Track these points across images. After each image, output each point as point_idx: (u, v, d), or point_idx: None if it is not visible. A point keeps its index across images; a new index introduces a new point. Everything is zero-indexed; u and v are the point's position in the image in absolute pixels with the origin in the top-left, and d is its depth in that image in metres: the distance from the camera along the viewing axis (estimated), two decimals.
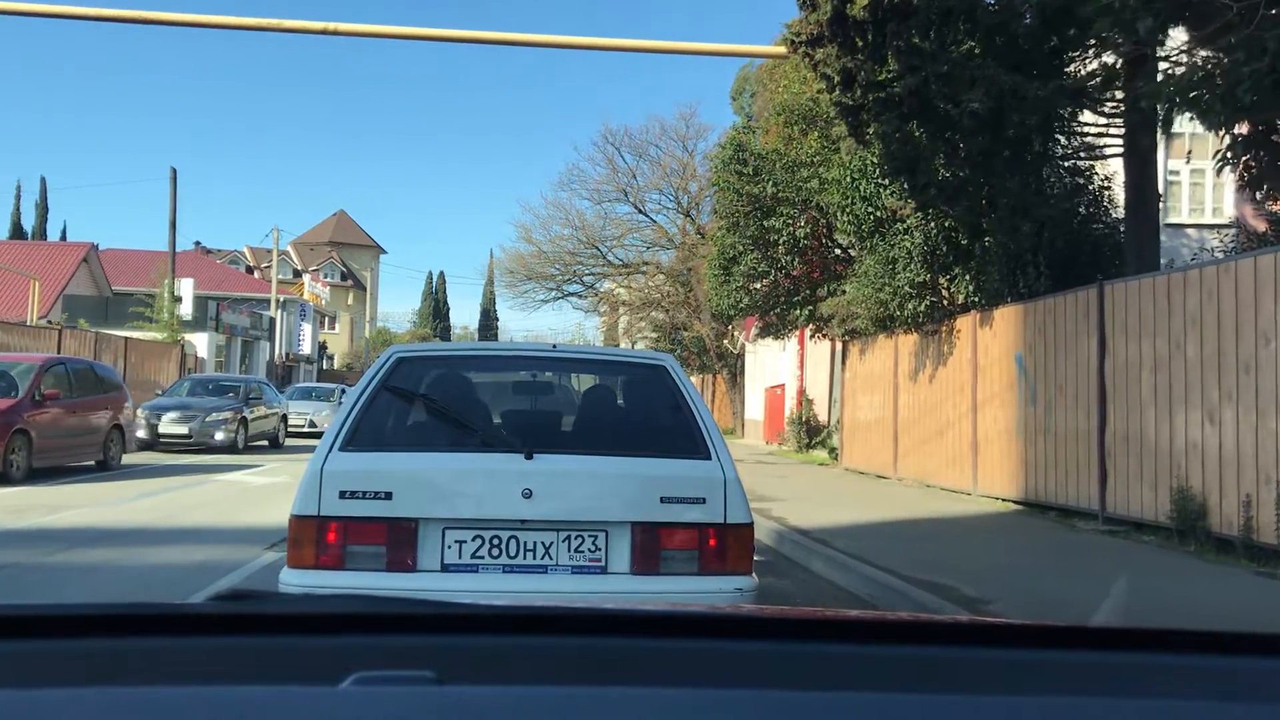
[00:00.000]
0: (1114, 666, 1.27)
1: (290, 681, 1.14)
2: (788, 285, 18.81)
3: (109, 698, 1.09)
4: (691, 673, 1.22)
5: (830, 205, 16.82)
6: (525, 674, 1.20)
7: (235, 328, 43.08)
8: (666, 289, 40.56)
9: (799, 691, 1.13)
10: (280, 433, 23.55)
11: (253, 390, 22.53)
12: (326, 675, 1.11)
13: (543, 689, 1.12)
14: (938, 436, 14.76)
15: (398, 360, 4.45)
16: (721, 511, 4.04)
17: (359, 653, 1.23)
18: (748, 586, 4.05)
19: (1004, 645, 1.34)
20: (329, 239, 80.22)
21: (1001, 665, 1.28)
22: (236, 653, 1.25)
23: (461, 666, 1.18)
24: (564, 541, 3.93)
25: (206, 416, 20.36)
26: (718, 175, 18.02)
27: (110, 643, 1.25)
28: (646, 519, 3.97)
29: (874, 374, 17.54)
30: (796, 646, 1.31)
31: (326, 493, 3.89)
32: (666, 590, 3.90)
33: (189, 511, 11.42)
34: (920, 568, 7.85)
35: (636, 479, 4.06)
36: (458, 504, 3.95)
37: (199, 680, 1.14)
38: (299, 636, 1.30)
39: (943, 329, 14.56)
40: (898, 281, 13.84)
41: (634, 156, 39.37)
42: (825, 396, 24.80)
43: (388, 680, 1.10)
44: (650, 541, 3.97)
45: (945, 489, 14.38)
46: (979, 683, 1.21)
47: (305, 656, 1.24)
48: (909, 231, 13.80)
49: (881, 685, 1.17)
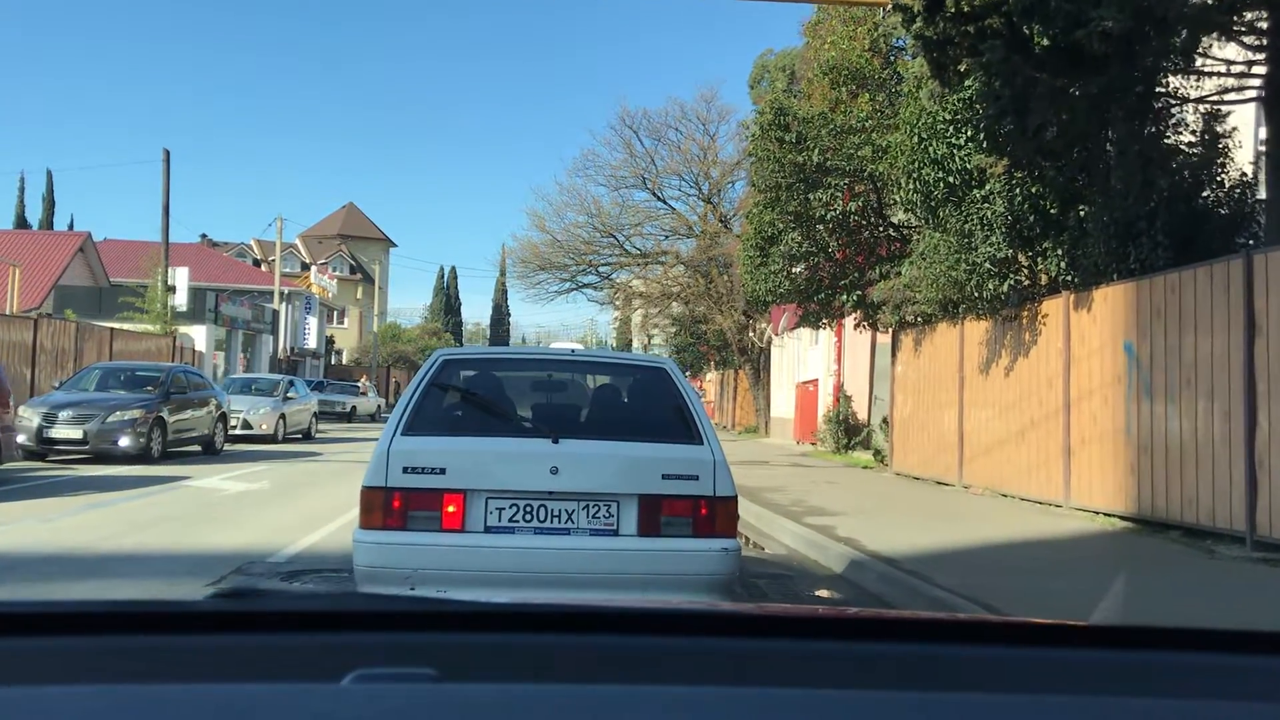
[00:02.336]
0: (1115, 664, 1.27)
1: (291, 679, 1.15)
2: (831, 268, 16.80)
3: (110, 695, 1.09)
4: (692, 670, 1.22)
5: (885, 175, 14.82)
6: (525, 672, 1.20)
7: (236, 320, 41.21)
8: (685, 280, 38.54)
9: (800, 689, 1.14)
10: (218, 436, 18.70)
11: (178, 382, 17.77)
12: (327, 673, 1.12)
13: (543, 687, 1.13)
14: (1016, 439, 12.73)
15: (444, 362, 5.24)
16: (711, 486, 4.72)
17: (359, 650, 1.23)
18: (732, 546, 4.74)
19: (1005, 644, 1.34)
20: (338, 232, 78.40)
21: (1003, 663, 1.27)
22: (237, 650, 1.26)
23: (462, 664, 1.19)
24: (583, 509, 4.67)
25: (108, 416, 15.68)
26: (755, 144, 16.03)
27: (110, 640, 1.26)
28: (650, 492, 4.69)
29: (933, 367, 15.52)
30: (798, 644, 1.32)
31: (393, 468, 4.64)
32: (666, 548, 4.66)
33: (135, 532, 9.49)
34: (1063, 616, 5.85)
35: (642, 460, 4.78)
36: (498, 478, 4.70)
37: (199, 678, 1.16)
38: (299, 634, 1.30)
39: (1024, 314, 12.53)
40: (976, 257, 11.79)
41: (652, 140, 37.36)
42: (865, 393, 22.78)
43: (388, 678, 1.11)
44: (653, 509, 4.68)
45: (1026, 499, 12.36)
46: (980, 681, 1.21)
47: (306, 654, 1.25)
48: (989, 198, 11.77)
49: (883, 683, 1.18)
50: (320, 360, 56.03)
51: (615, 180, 37.72)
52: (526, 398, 5.74)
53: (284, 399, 23.17)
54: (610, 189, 38.21)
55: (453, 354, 5.53)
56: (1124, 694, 1.17)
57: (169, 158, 31.44)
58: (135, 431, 15.84)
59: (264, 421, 21.89)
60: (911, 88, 12.65)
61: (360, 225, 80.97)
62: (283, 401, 23.01)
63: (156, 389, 17.02)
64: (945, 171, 12.29)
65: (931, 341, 15.59)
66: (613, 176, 37.72)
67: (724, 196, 37.79)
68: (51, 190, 68.69)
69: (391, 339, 72.63)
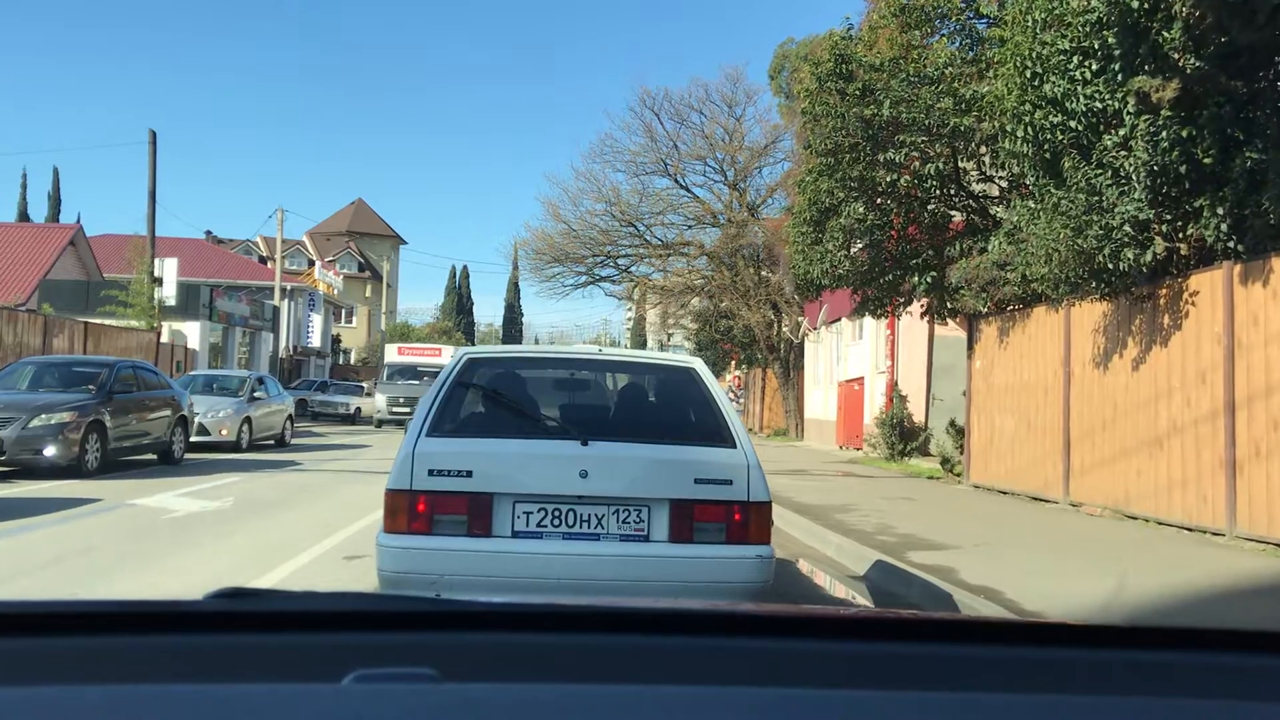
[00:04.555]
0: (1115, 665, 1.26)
1: (291, 679, 1.13)
2: (900, 245, 14.33)
3: (110, 695, 1.07)
4: (692, 670, 1.21)
5: (972, 131, 12.34)
6: (525, 672, 1.19)
7: (233, 316, 38.90)
8: (709, 272, 36.09)
9: (801, 689, 1.13)
10: (176, 443, 15.73)
11: (125, 379, 14.78)
12: (327, 673, 1.10)
13: (543, 686, 1.12)
14: (1149, 448, 10.25)
15: (469, 361, 5.17)
16: (745, 491, 4.59)
17: (360, 650, 1.21)
18: (767, 554, 4.59)
19: (1005, 644, 1.31)
20: (346, 229, 76.19)
21: (1003, 663, 1.26)
22: (237, 650, 1.23)
23: (462, 664, 1.18)
24: (613, 514, 4.56)
25: (30, 420, 12.77)
26: (811, 99, 13.57)
27: (111, 640, 1.25)
28: (682, 496, 4.57)
29: (1027, 361, 13.04)
30: (799, 644, 1.30)
31: (418, 471, 4.53)
32: (699, 555, 4.53)
33: (24, 575, 7.12)
34: None
35: (674, 463, 4.66)
36: (526, 481, 4.59)
37: (200, 678, 1.14)
38: (299, 634, 1.28)
39: (1161, 292, 10.05)
40: (1111, 220, 9.31)
41: (674, 123, 34.96)
42: (920, 392, 20.30)
43: (388, 678, 1.10)
44: (685, 515, 4.56)
45: (1166, 524, 9.87)
46: (981, 681, 1.19)
47: (306, 654, 1.22)
48: (1128, 143, 9.29)
49: (884, 683, 1.16)
50: (326, 360, 53.71)
51: (635, 166, 35.38)
52: (553, 398, 5.57)
53: (250, 399, 19.90)
54: (630, 175, 35.87)
55: (478, 353, 5.50)
56: (1124, 694, 1.15)
57: (155, 139, 29.08)
58: (65, 438, 12.89)
59: (224, 426, 18.65)
60: (1020, 8, 10.16)
61: (369, 222, 78.73)
62: (248, 403, 19.76)
63: (96, 387, 14.03)
64: (1065, 114, 9.82)
65: (1024, 331, 13.11)
66: (632, 162, 35.37)
67: (751, 183, 35.36)
68: (58, 187, 67.16)
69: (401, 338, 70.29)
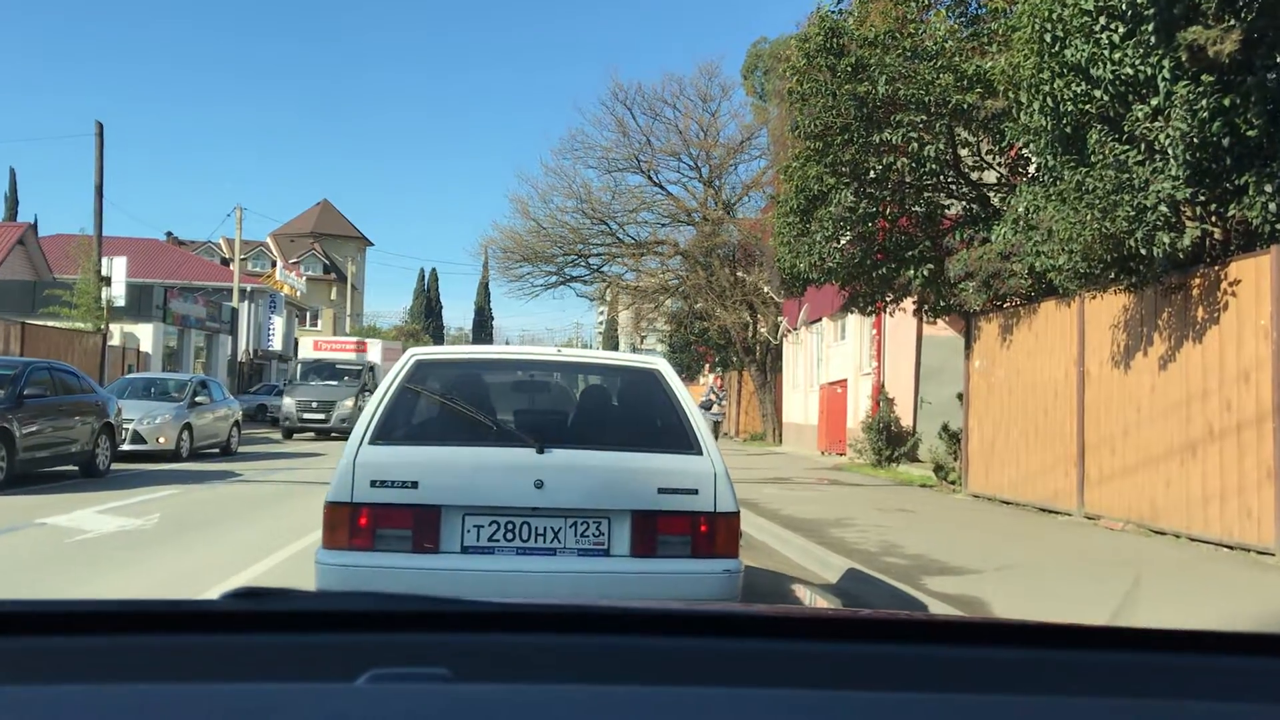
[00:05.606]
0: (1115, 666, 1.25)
1: (306, 679, 1.14)
2: (888, 237, 13.25)
3: (126, 694, 1.07)
4: (703, 671, 1.20)
5: (976, 106, 11.30)
6: (539, 672, 1.19)
7: (188, 318, 37.41)
8: (684, 272, 34.99)
9: (802, 690, 1.13)
10: (100, 453, 14.13)
11: (39, 382, 13.24)
12: (342, 672, 1.10)
13: (556, 687, 1.12)
14: (1183, 455, 9.21)
15: (417, 362, 4.85)
16: (712, 501, 4.33)
17: (374, 650, 1.21)
18: (735, 568, 4.34)
19: (1004, 645, 1.31)
20: (311, 230, 74.50)
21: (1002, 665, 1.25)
22: (253, 650, 1.24)
23: (476, 664, 1.18)
24: (571, 527, 4.26)
25: None
26: (800, 78, 12.49)
27: (126, 640, 1.24)
28: (645, 507, 4.29)
29: (1034, 360, 12.00)
30: (801, 645, 1.30)
31: (359, 481, 4.24)
32: (662, 570, 4.25)
33: None
34: None
35: (637, 472, 4.39)
36: (477, 492, 4.29)
37: (214, 678, 1.13)
38: (315, 634, 1.28)
39: (1194, 282, 9.02)
40: (1145, 199, 8.24)
41: (648, 118, 33.81)
42: (909, 395, 19.26)
43: (403, 678, 1.10)
44: (648, 527, 4.29)
45: (1201, 540, 8.83)
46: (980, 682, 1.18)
47: (321, 654, 1.23)
48: (1160, 115, 8.25)
49: (881, 684, 1.16)
50: (288, 364, 52.14)
51: (607, 162, 34.20)
52: (508, 402, 5.31)
53: (191, 404, 18.30)
54: (601, 172, 34.76)
55: (427, 354, 5.19)
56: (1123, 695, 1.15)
57: (102, 131, 27.64)
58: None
59: (161, 433, 17.01)
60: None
61: (335, 223, 77.07)
62: (189, 408, 18.13)
63: (3, 392, 12.49)
64: (1090, 82, 8.76)
65: (1030, 327, 12.07)
66: (604, 158, 34.20)
67: (726, 180, 34.30)
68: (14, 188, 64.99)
69: None
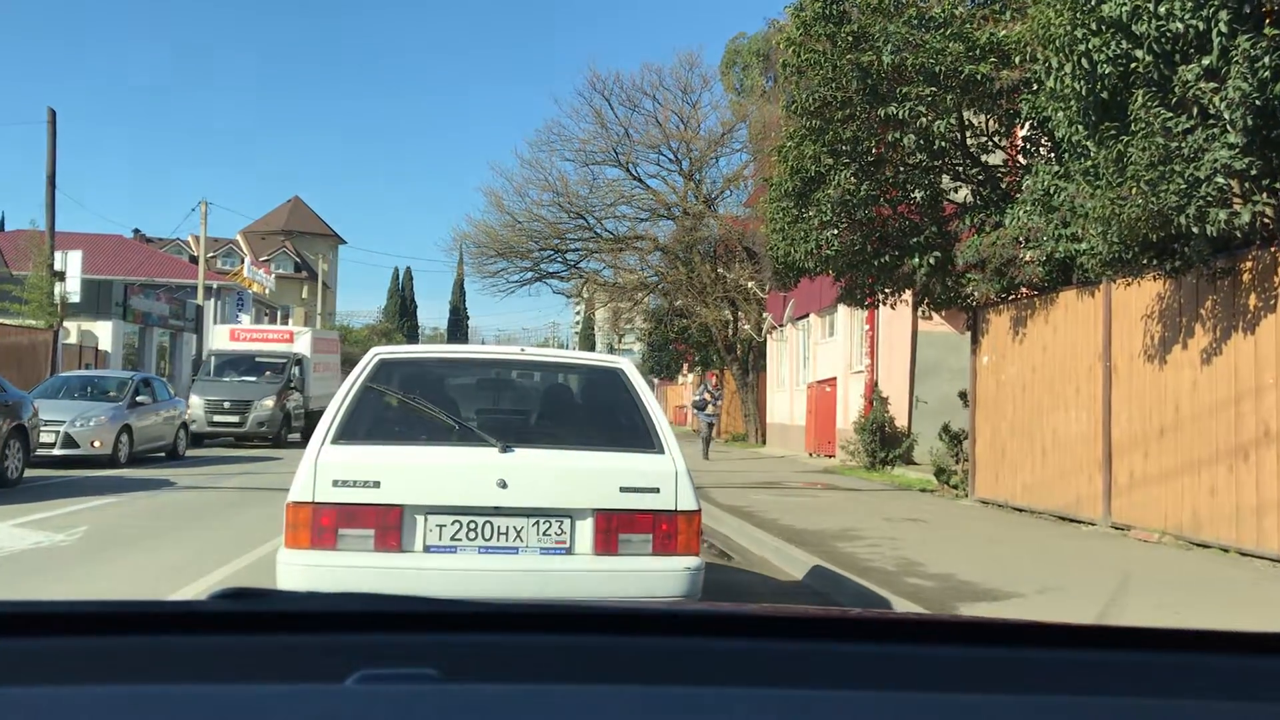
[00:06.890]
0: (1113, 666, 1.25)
1: (294, 679, 1.13)
2: (890, 223, 12.27)
3: (112, 696, 1.06)
4: (695, 670, 1.20)
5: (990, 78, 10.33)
6: (528, 671, 1.18)
7: (150, 316, 36.02)
8: (664, 269, 33.96)
9: (800, 690, 1.13)
10: (10, 460, 12.61)
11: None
12: (330, 673, 1.09)
13: (545, 686, 1.11)
14: (1232, 459, 8.26)
15: (380, 361, 4.88)
16: (673, 499, 4.39)
17: (363, 650, 1.21)
18: (695, 565, 4.40)
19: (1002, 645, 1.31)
20: (282, 227, 72.97)
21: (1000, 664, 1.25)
22: (240, 651, 1.23)
23: (464, 664, 1.17)
24: (534, 526, 4.32)
25: None
26: (796, 50, 11.48)
27: (113, 641, 1.23)
28: (607, 506, 4.34)
29: (1051, 355, 11.04)
30: (798, 645, 1.30)
31: (321, 481, 4.26)
32: (624, 568, 4.31)
33: None
34: None
35: (599, 471, 4.44)
36: (439, 492, 4.33)
37: (203, 678, 1.13)
38: (303, 634, 1.27)
39: (1244, 266, 8.08)
40: (1198, 170, 7.27)
41: (626, 109, 32.74)
42: (903, 394, 18.32)
43: (391, 678, 1.10)
44: (610, 526, 4.34)
45: (1253, 555, 7.87)
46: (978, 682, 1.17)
47: (309, 654, 1.22)
48: (1214, 75, 7.29)
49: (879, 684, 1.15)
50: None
51: (584, 155, 33.09)
52: (471, 401, 5.23)
53: (131, 404, 16.68)
54: (579, 164, 33.57)
55: (390, 352, 5.18)
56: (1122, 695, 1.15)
57: (54, 118, 26.27)
58: None
59: (95, 437, 15.51)
60: None
61: (307, 220, 75.54)
62: (129, 408, 16.53)
63: None
64: (1132, 40, 7.80)
65: (1046, 319, 11.11)
66: (581, 150, 33.09)
67: (707, 174, 33.30)
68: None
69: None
